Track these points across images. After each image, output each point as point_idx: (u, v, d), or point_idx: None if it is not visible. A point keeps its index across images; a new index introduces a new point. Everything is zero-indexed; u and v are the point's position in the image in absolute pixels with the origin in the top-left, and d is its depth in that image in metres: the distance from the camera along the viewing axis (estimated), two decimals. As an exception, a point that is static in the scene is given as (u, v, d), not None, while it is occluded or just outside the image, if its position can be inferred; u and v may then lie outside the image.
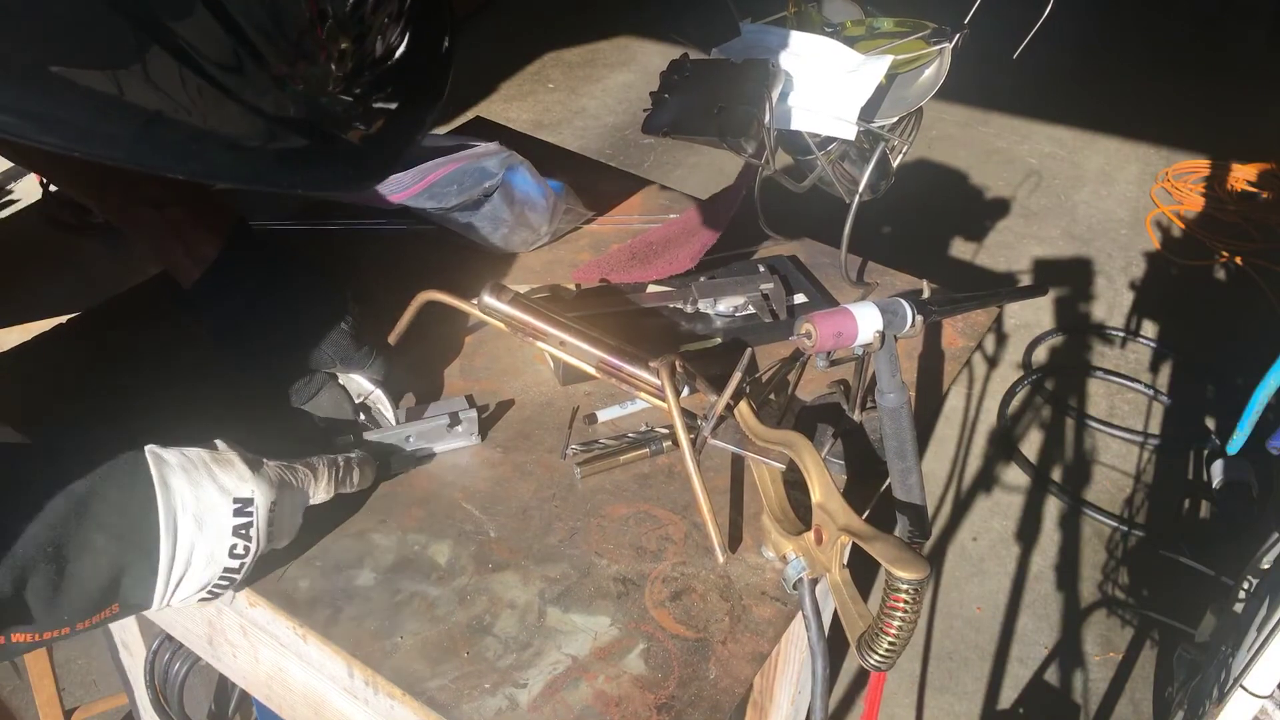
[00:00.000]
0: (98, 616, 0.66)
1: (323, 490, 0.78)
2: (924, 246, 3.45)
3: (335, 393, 0.91)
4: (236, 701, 1.38)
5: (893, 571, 0.68)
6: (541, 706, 0.73)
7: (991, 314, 1.19)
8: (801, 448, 0.80)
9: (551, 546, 0.86)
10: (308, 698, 0.88)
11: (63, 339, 1.05)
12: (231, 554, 0.69)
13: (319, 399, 0.90)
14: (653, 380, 0.89)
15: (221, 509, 0.68)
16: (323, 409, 0.90)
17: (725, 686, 0.75)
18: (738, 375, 0.86)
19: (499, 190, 1.13)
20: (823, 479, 0.77)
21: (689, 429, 0.86)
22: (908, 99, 1.06)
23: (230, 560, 0.69)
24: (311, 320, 0.88)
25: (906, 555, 0.68)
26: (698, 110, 1.05)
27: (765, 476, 0.87)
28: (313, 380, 0.90)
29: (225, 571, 0.70)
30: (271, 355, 0.88)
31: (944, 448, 2.66)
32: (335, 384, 0.91)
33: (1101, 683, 2.11)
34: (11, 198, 3.52)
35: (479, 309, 0.93)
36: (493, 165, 1.13)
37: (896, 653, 0.70)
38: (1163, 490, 2.58)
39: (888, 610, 0.69)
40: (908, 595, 0.68)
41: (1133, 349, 3.05)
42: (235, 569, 0.70)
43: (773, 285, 1.13)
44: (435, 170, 1.09)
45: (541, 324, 0.92)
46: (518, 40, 4.69)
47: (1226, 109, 4.47)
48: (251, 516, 0.69)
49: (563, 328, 0.92)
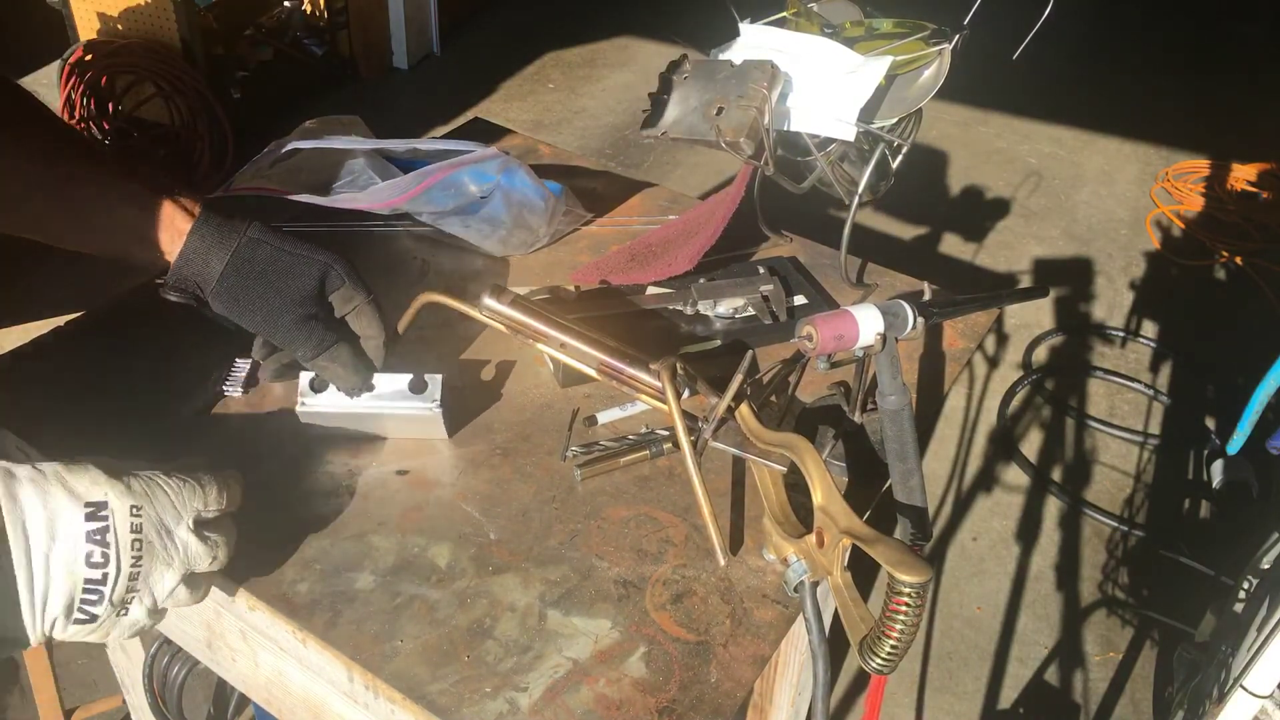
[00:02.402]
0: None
1: (213, 501, 0.73)
2: (924, 247, 3.45)
3: (343, 351, 0.88)
4: (235, 705, 1.38)
5: (895, 574, 0.68)
6: (542, 710, 0.73)
7: (992, 315, 1.19)
8: (803, 450, 0.80)
9: (552, 549, 0.85)
10: (307, 702, 0.88)
11: (62, 340, 1.05)
12: (89, 562, 0.65)
13: (337, 352, 0.88)
14: (653, 382, 0.89)
15: (71, 513, 0.65)
16: (337, 367, 0.89)
17: (726, 689, 0.75)
18: (739, 377, 0.86)
19: (497, 193, 1.13)
20: (824, 481, 0.77)
21: (689, 431, 0.86)
22: (907, 100, 1.06)
23: (90, 570, 0.65)
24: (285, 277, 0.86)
25: (908, 558, 0.68)
26: (697, 111, 1.05)
27: (766, 479, 0.87)
28: (320, 335, 0.87)
29: (88, 584, 0.66)
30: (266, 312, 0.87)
31: (944, 448, 2.66)
32: (343, 345, 0.89)
33: (1101, 683, 2.11)
34: (11, 198, 3.52)
35: (479, 311, 0.93)
36: (490, 169, 1.12)
37: (899, 656, 0.70)
38: (1163, 490, 2.58)
39: (890, 613, 0.69)
40: (910, 598, 0.67)
41: (1133, 349, 3.05)
42: (98, 580, 0.66)
43: (772, 287, 1.12)
44: (432, 175, 1.09)
45: (542, 326, 0.92)
46: (518, 40, 4.69)
47: (1226, 109, 4.47)
48: (107, 521, 0.66)
49: (563, 330, 0.92)
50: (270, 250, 0.86)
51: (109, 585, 0.66)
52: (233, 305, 0.86)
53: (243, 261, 0.85)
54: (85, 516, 0.65)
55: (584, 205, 1.28)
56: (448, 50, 4.53)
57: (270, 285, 0.86)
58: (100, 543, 0.66)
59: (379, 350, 0.92)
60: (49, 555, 0.64)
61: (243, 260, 0.85)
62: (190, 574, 0.72)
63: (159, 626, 1.01)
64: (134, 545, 0.67)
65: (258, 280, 0.86)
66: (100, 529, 0.66)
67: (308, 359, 0.88)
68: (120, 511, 0.67)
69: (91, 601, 0.66)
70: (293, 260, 0.87)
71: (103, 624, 0.68)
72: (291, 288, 0.86)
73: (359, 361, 0.90)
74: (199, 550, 0.72)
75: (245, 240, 0.86)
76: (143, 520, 0.68)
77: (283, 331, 0.87)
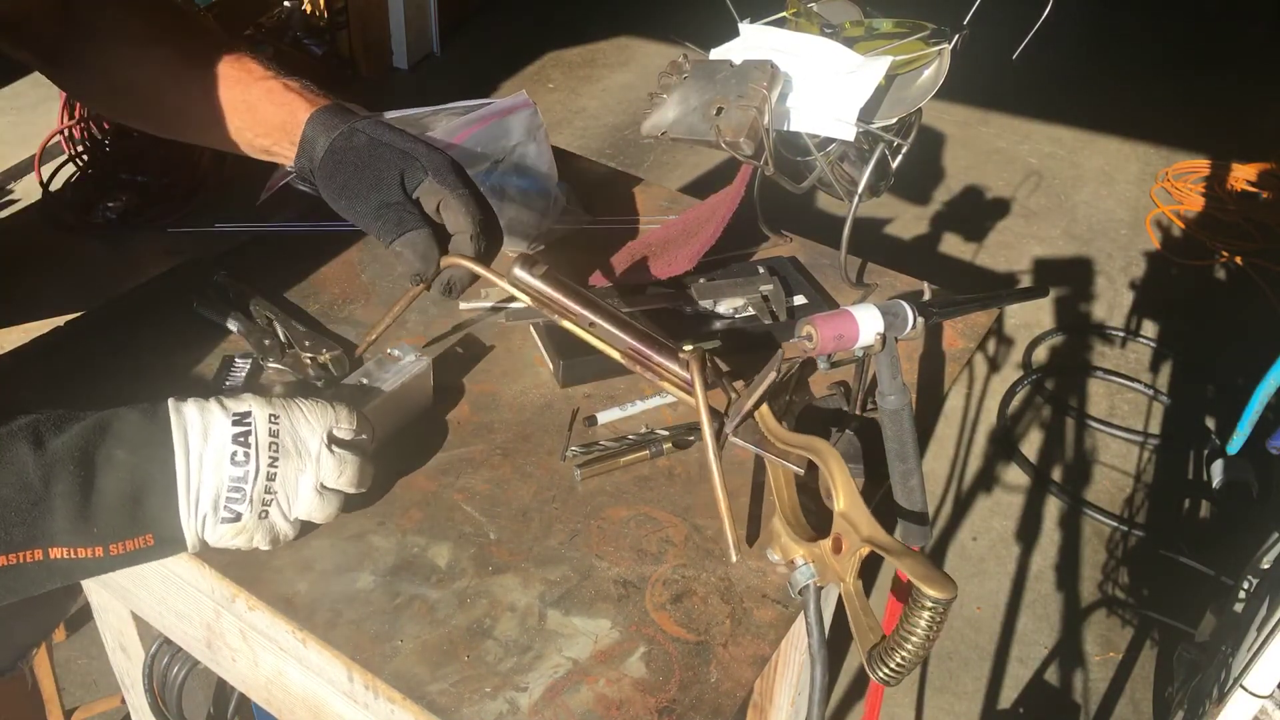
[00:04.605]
0: (131, 543, 0.72)
1: (344, 421, 0.81)
2: (924, 247, 3.45)
3: (418, 238, 0.89)
4: (235, 705, 1.38)
5: (923, 589, 0.66)
6: (542, 710, 0.73)
7: (992, 315, 1.19)
8: (827, 455, 0.79)
9: (552, 549, 0.85)
10: (307, 702, 0.88)
11: (62, 339, 1.05)
12: (233, 460, 0.75)
13: (411, 238, 0.89)
14: (680, 372, 0.88)
15: (222, 420, 0.76)
16: (407, 251, 0.90)
17: (726, 689, 0.75)
18: (771, 374, 0.84)
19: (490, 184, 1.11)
20: (848, 487, 0.76)
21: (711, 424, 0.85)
22: (907, 100, 1.06)
23: (233, 468, 0.75)
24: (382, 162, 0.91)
25: (936, 573, 0.67)
26: (697, 111, 1.05)
27: (781, 479, 0.86)
28: (398, 218, 0.89)
29: (232, 482, 0.75)
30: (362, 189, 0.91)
31: (944, 448, 2.66)
32: (419, 232, 0.89)
33: (1101, 683, 2.11)
34: (12, 197, 3.52)
35: (509, 282, 0.91)
36: (518, 125, 1.11)
37: (907, 669, 0.69)
38: (1163, 490, 2.58)
39: (909, 627, 0.68)
40: (933, 613, 0.67)
41: (1133, 349, 3.05)
42: (240, 477, 0.75)
43: (772, 287, 1.13)
44: (463, 130, 1.09)
45: (571, 303, 0.90)
46: (518, 40, 4.69)
47: (1226, 108, 4.47)
48: (250, 426, 0.76)
49: (594, 308, 0.90)
50: (365, 139, 0.91)
51: (249, 483, 0.75)
52: (328, 190, 0.92)
53: (338, 150, 0.91)
54: (232, 422, 0.76)
55: (584, 205, 1.28)
56: (448, 50, 4.54)
57: (356, 173, 0.90)
58: (243, 444, 0.75)
59: (467, 244, 0.91)
60: (202, 455, 0.74)
61: (338, 149, 0.91)
62: (322, 487, 0.79)
63: (159, 626, 1.01)
64: (271, 448, 0.76)
65: (347, 168, 0.91)
66: (243, 433, 0.75)
67: (386, 244, 0.90)
68: (260, 419, 0.76)
69: (235, 499, 0.75)
70: (381, 151, 0.90)
71: (246, 526, 0.76)
72: (374, 176, 0.90)
73: (430, 251, 0.90)
74: (329, 463, 0.79)
75: (345, 130, 0.91)
76: (279, 428, 0.77)
77: (364, 216, 0.91)
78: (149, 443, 0.73)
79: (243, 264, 1.15)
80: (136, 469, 0.72)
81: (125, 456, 0.72)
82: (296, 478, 0.78)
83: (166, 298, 1.10)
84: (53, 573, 0.70)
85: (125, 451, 0.72)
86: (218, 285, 1.09)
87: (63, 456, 0.70)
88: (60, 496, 0.69)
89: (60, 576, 0.71)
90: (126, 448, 0.72)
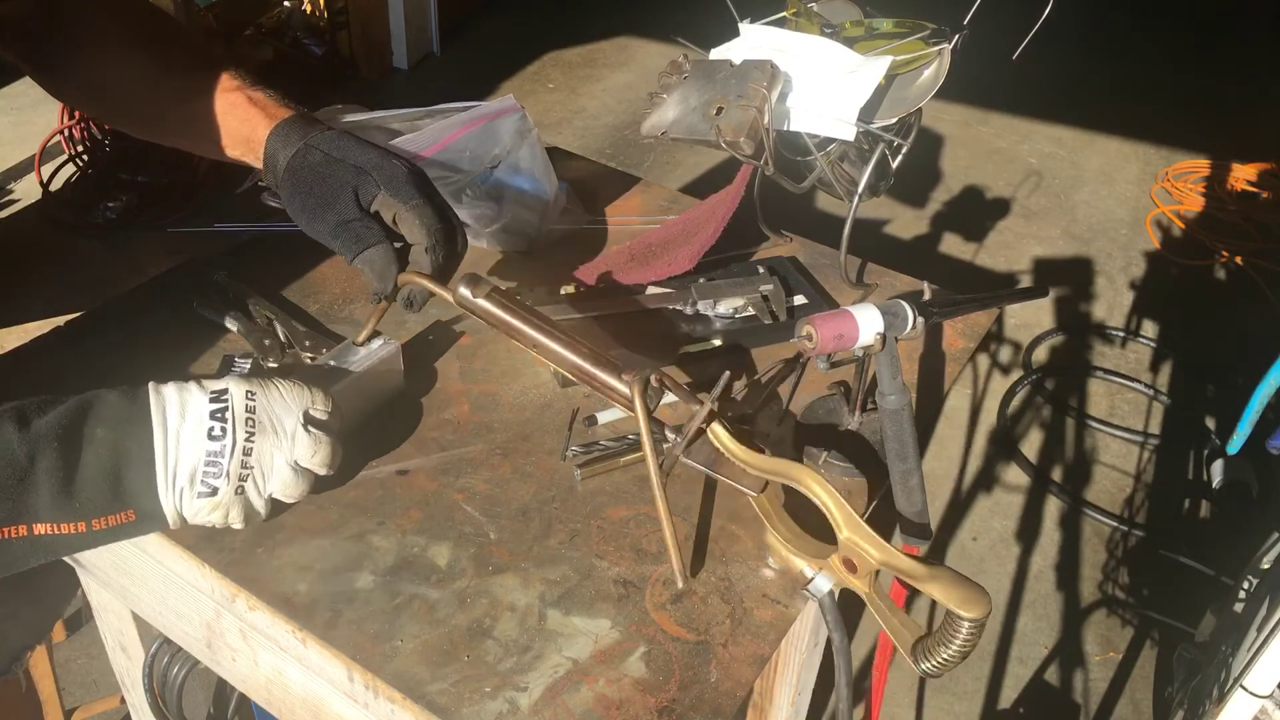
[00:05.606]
0: (113, 518, 0.74)
1: (319, 403, 0.82)
2: (924, 246, 3.45)
3: (374, 254, 0.90)
4: (235, 705, 1.38)
5: (959, 613, 0.66)
6: (542, 710, 0.73)
7: (992, 315, 1.19)
8: (810, 480, 0.76)
9: (552, 549, 0.85)
10: (307, 701, 0.88)
11: (62, 339, 1.05)
12: (210, 435, 0.76)
13: (369, 255, 0.89)
14: (624, 392, 0.83)
15: (199, 398, 0.78)
16: (369, 270, 0.90)
17: (726, 689, 0.75)
18: (708, 401, 0.82)
19: (488, 187, 1.11)
20: (844, 513, 0.74)
21: (657, 447, 0.82)
22: (907, 100, 1.06)
23: (210, 443, 0.76)
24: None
25: (970, 593, 0.66)
26: (697, 111, 1.05)
27: (765, 505, 0.84)
28: (356, 235, 0.89)
29: (209, 456, 0.76)
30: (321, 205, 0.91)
31: (944, 448, 2.66)
32: (377, 249, 0.90)
33: (1101, 683, 2.11)
34: (12, 197, 3.52)
35: (454, 300, 0.88)
36: (506, 130, 1.11)
37: (951, 666, 0.70)
38: (1163, 490, 2.58)
39: (948, 636, 0.68)
40: (972, 626, 0.67)
41: (1133, 349, 3.05)
42: (217, 451, 0.76)
43: (772, 287, 1.12)
44: (450, 132, 1.08)
45: (516, 322, 0.86)
46: (517, 40, 4.69)
47: (1226, 108, 4.47)
48: (227, 402, 0.77)
49: (538, 329, 0.86)
50: (320, 157, 0.91)
51: (226, 457, 0.77)
52: (290, 209, 0.92)
53: (295, 169, 0.91)
54: (210, 399, 0.77)
55: (584, 205, 1.28)
56: (448, 50, 4.54)
57: (312, 191, 0.91)
58: (220, 419, 0.77)
59: (423, 256, 0.91)
60: (180, 431, 0.76)
61: (295, 167, 0.91)
62: (296, 465, 0.80)
63: (159, 626, 1.01)
64: (248, 423, 0.78)
65: (304, 187, 0.91)
66: (220, 409, 0.77)
67: (349, 260, 0.91)
68: (238, 395, 0.78)
69: (212, 473, 0.76)
70: (335, 168, 0.91)
71: (222, 500, 0.77)
72: (330, 194, 0.90)
73: (387, 268, 0.90)
74: (304, 442, 0.80)
75: (302, 147, 0.91)
76: (256, 405, 0.79)
77: (324, 235, 0.91)
78: (129, 420, 0.75)
79: (242, 264, 1.15)
80: (117, 445, 0.74)
81: (106, 434, 0.74)
82: (272, 454, 0.79)
83: (166, 298, 1.10)
84: (36, 548, 0.72)
85: (106, 429, 0.74)
86: (217, 285, 1.09)
87: (46, 434, 0.72)
88: (44, 473, 0.71)
89: (44, 552, 0.72)
90: (107, 425, 0.74)
